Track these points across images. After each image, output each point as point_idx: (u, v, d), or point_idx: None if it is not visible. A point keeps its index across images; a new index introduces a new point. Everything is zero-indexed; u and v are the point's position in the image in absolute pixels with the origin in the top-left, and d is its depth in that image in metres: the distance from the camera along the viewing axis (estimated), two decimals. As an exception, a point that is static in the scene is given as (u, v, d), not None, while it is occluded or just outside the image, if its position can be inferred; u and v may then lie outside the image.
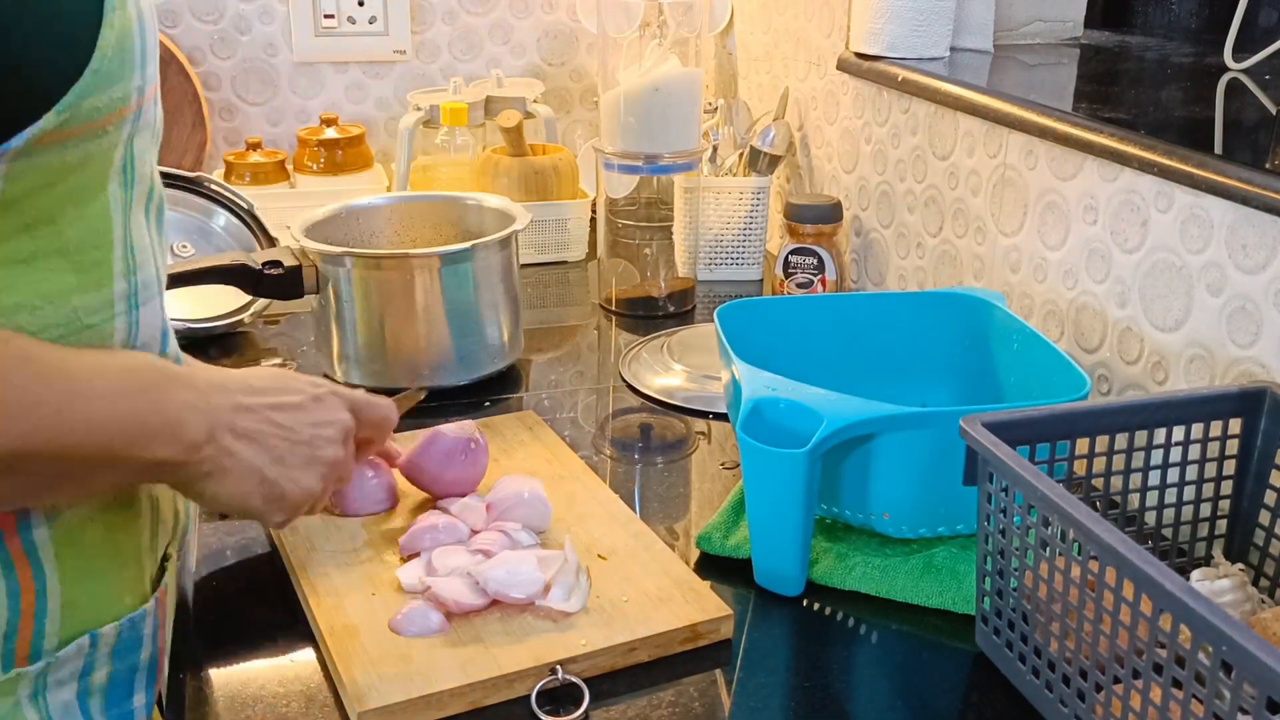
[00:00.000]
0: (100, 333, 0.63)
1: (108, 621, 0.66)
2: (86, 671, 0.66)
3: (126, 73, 0.59)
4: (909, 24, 1.32)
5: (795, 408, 0.85)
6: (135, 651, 0.69)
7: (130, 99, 0.60)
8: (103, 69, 0.57)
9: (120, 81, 0.59)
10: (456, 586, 0.81)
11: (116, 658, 0.68)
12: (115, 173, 0.62)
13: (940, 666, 0.80)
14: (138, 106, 0.62)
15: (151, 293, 0.68)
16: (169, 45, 1.71)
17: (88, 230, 0.62)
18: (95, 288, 0.63)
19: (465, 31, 1.87)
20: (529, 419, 1.10)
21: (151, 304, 0.68)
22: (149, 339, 0.68)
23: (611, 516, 0.92)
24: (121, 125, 0.61)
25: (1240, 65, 1.23)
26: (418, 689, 0.73)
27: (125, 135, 0.62)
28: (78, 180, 0.60)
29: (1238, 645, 0.54)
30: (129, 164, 0.63)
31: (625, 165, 1.38)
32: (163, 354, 0.70)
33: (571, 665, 0.75)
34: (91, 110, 0.58)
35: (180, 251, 1.35)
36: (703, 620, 0.79)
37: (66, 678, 0.65)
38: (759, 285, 1.56)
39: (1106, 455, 0.80)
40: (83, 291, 0.62)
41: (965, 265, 1.24)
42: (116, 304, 0.64)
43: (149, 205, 0.68)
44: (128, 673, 0.69)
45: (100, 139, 0.60)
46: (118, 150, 0.62)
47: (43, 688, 0.65)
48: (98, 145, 0.60)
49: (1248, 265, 0.87)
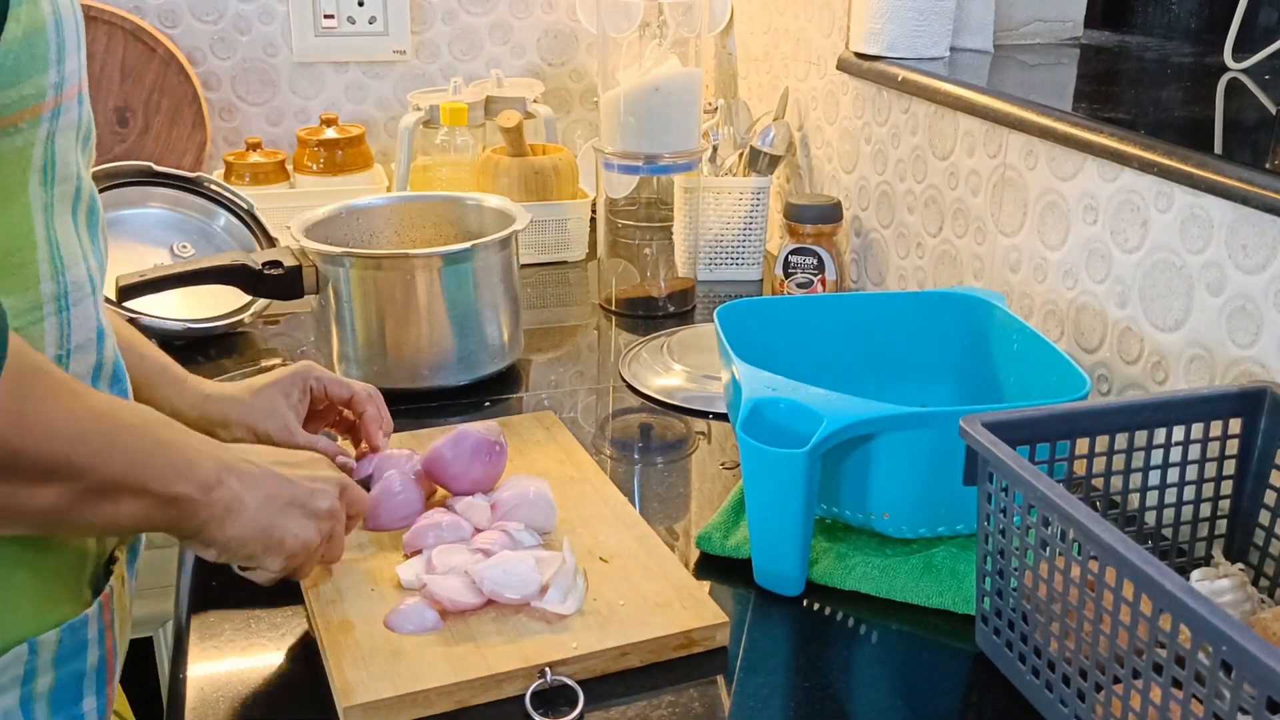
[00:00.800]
0: (28, 335, 0.63)
1: (46, 629, 0.66)
2: (28, 678, 0.66)
3: (38, 69, 0.58)
4: (909, 24, 1.32)
5: (795, 408, 0.85)
6: (79, 657, 0.68)
7: (45, 96, 0.60)
8: (8, 65, 0.56)
9: (30, 78, 0.58)
10: (453, 585, 0.81)
11: (59, 664, 0.67)
12: (34, 172, 0.62)
13: (940, 666, 0.80)
14: (55, 104, 0.61)
15: (83, 293, 0.67)
16: (169, 45, 1.71)
17: (8, 233, 0.61)
18: (20, 290, 0.62)
19: (465, 31, 1.87)
20: (546, 419, 1.10)
21: (84, 304, 0.67)
22: (83, 340, 0.67)
23: (617, 519, 0.92)
24: (36, 123, 0.60)
25: (1240, 65, 1.23)
26: (405, 686, 0.73)
27: (43, 134, 0.61)
28: None
29: (1238, 645, 0.54)
30: (49, 164, 0.63)
31: (625, 165, 1.38)
32: (99, 355, 0.70)
33: (561, 667, 0.75)
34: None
35: (180, 251, 1.35)
36: (697, 627, 0.79)
37: (7, 683, 0.65)
38: (759, 285, 1.56)
39: (1106, 455, 0.80)
40: (5, 293, 0.61)
41: (965, 265, 1.24)
42: (45, 305, 0.64)
43: (76, 205, 0.67)
44: (72, 678, 0.68)
45: (12, 137, 0.59)
46: (35, 149, 0.61)
47: None
48: (10, 143, 0.59)
49: (1248, 265, 0.87)
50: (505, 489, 0.91)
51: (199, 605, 0.85)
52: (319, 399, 0.96)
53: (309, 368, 0.95)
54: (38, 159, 0.62)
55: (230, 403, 0.90)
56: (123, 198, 1.34)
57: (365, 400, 0.97)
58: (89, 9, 1.66)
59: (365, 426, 0.97)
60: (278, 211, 1.42)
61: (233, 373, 1.25)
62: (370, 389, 0.98)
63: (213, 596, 0.86)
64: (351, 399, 0.97)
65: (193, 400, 0.89)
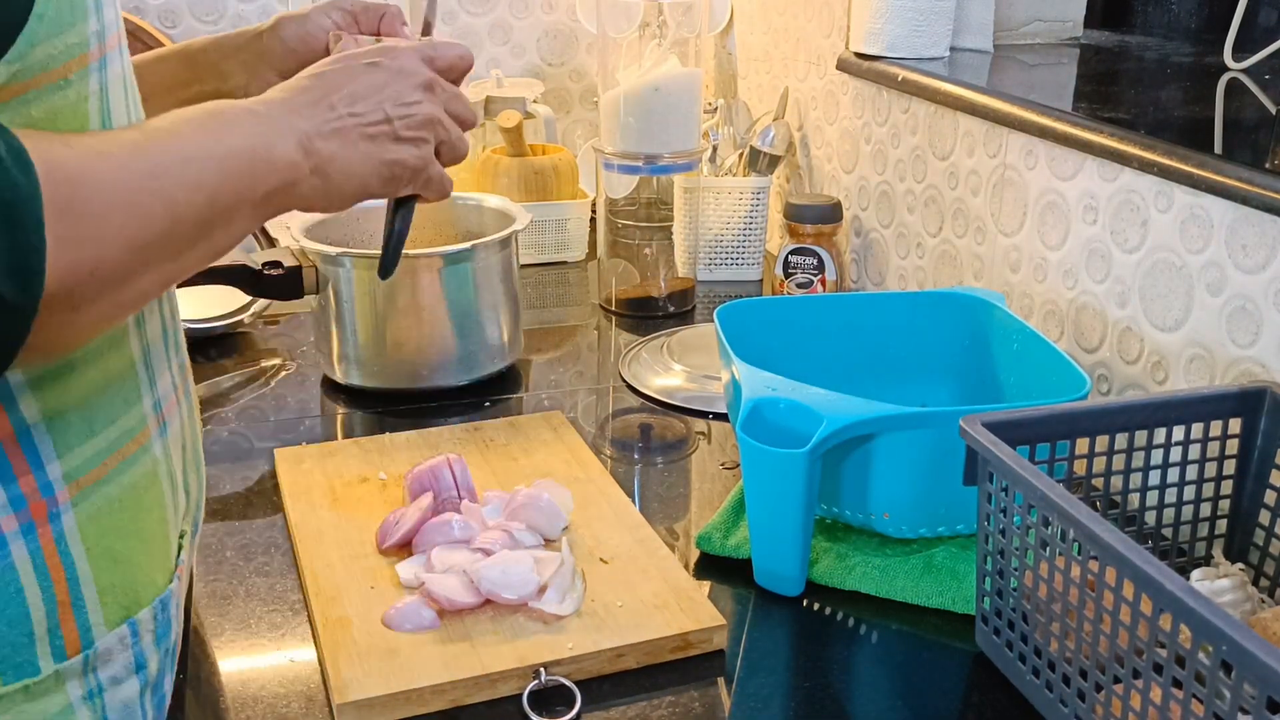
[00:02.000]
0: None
1: (145, 604, 0.65)
2: (141, 665, 0.65)
3: (78, 17, 0.58)
4: (909, 24, 1.32)
5: (795, 408, 0.85)
6: (168, 635, 0.68)
7: (89, 45, 0.59)
8: (49, 14, 0.56)
9: (73, 26, 0.57)
10: (451, 584, 0.81)
11: (159, 644, 0.67)
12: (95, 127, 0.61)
13: (940, 666, 0.80)
14: (100, 54, 0.60)
15: None
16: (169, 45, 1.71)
17: None
18: None
19: (465, 31, 1.87)
20: (554, 419, 1.10)
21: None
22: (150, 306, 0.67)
23: (620, 520, 0.92)
24: (85, 75, 0.59)
25: (1240, 65, 1.23)
26: (398, 684, 0.73)
27: (94, 87, 0.60)
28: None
29: (1238, 645, 0.54)
30: (106, 118, 0.62)
31: (625, 165, 1.38)
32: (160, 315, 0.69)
33: (556, 668, 0.75)
34: (46, 59, 0.56)
35: (180, 252, 1.34)
36: (694, 630, 0.79)
37: (122, 674, 0.64)
38: (759, 285, 1.56)
39: (1106, 455, 0.80)
40: None
41: (965, 265, 1.24)
42: None
43: None
44: (167, 658, 0.68)
45: (65, 90, 0.58)
46: (90, 102, 0.60)
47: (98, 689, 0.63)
48: (64, 98, 0.58)
49: (1248, 265, 0.87)
50: (523, 491, 0.91)
51: (199, 605, 0.85)
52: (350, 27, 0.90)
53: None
54: (94, 113, 0.60)
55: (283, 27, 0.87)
56: (123, 198, 1.34)
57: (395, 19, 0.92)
58: (89, 9, 1.66)
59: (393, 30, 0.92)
60: (278, 211, 1.41)
61: (232, 373, 1.25)
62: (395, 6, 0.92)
63: (213, 596, 0.86)
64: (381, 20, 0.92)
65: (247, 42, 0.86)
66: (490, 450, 1.04)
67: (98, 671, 0.63)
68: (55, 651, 0.61)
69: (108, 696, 0.64)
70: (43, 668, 0.61)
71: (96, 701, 0.64)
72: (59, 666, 0.61)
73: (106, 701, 0.64)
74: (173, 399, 0.70)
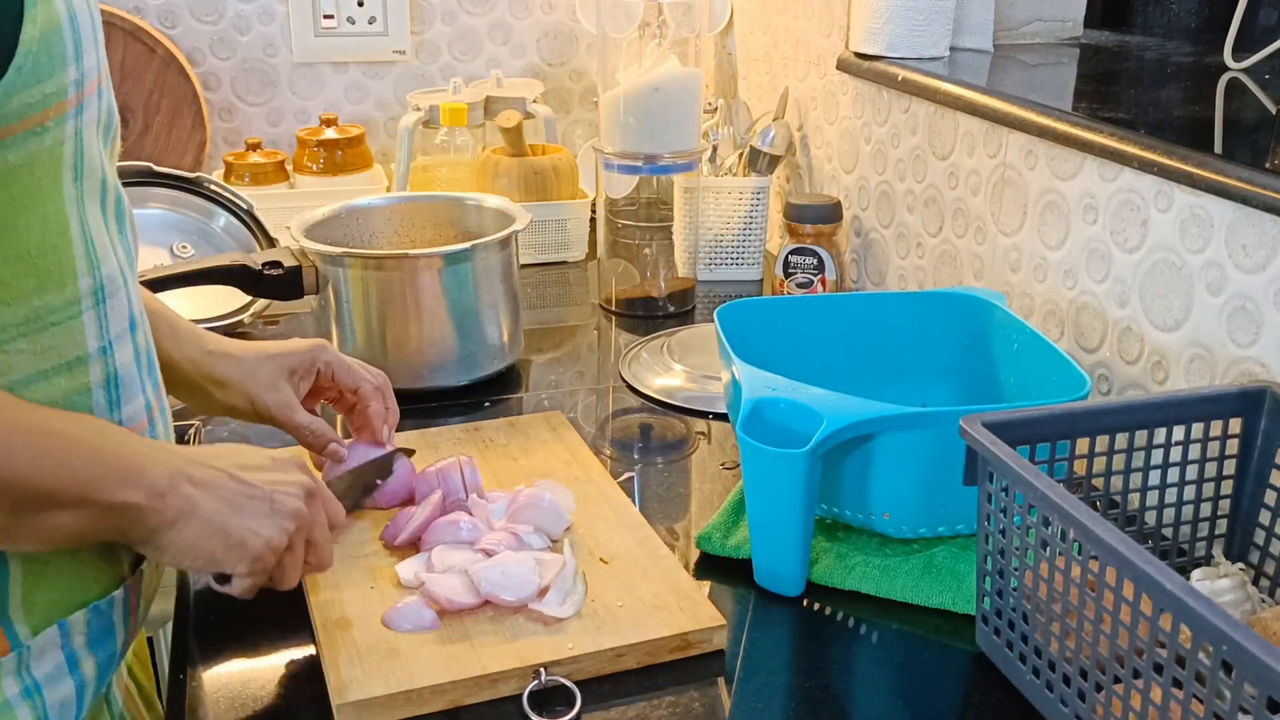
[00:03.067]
0: (67, 329, 0.64)
1: (75, 608, 0.67)
2: (73, 665, 0.67)
3: (57, 67, 0.59)
4: (909, 24, 1.32)
5: (795, 408, 0.85)
6: (109, 640, 0.70)
7: (67, 93, 0.60)
8: (28, 66, 0.57)
9: (52, 76, 0.59)
10: (451, 584, 0.81)
11: (94, 647, 0.68)
12: (67, 169, 0.62)
13: (940, 666, 0.80)
14: (78, 100, 0.62)
15: (116, 285, 0.68)
16: (169, 46, 1.71)
17: (46, 232, 0.62)
18: (57, 287, 0.63)
19: (465, 32, 1.87)
20: (554, 419, 1.10)
21: (118, 296, 0.68)
22: (119, 331, 0.68)
23: (620, 521, 0.92)
24: (62, 121, 0.61)
25: (1240, 65, 1.23)
26: (397, 684, 0.73)
27: (70, 130, 0.62)
28: (25, 182, 0.60)
29: (1238, 645, 0.54)
30: (78, 160, 0.63)
31: (625, 165, 1.38)
32: (134, 344, 0.70)
33: (556, 668, 0.75)
34: (23, 107, 0.58)
35: (180, 252, 1.35)
36: (694, 630, 0.79)
37: (56, 673, 0.66)
38: (759, 285, 1.56)
39: (1106, 455, 0.80)
40: (43, 292, 0.62)
41: (965, 265, 1.24)
42: (83, 300, 0.65)
43: (104, 200, 0.67)
44: (108, 660, 0.70)
45: (41, 136, 0.60)
46: (65, 146, 0.62)
47: (35, 686, 0.65)
48: (39, 143, 0.60)
49: (1248, 265, 0.87)
50: (527, 491, 0.91)
51: (199, 606, 0.85)
52: (324, 381, 0.94)
53: (321, 348, 0.93)
54: (68, 156, 0.62)
55: (231, 362, 0.88)
56: (122, 198, 1.34)
57: (371, 394, 0.95)
58: (89, 9, 1.66)
59: (368, 420, 0.95)
60: (277, 212, 1.42)
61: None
62: (379, 382, 0.96)
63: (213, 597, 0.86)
64: (357, 390, 0.94)
65: (191, 354, 0.86)
66: (490, 450, 1.04)
67: (31, 670, 0.65)
68: None
69: (46, 694, 0.66)
70: None
71: (35, 699, 0.66)
72: None
73: (46, 699, 0.66)
74: (142, 420, 0.71)
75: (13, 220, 0.60)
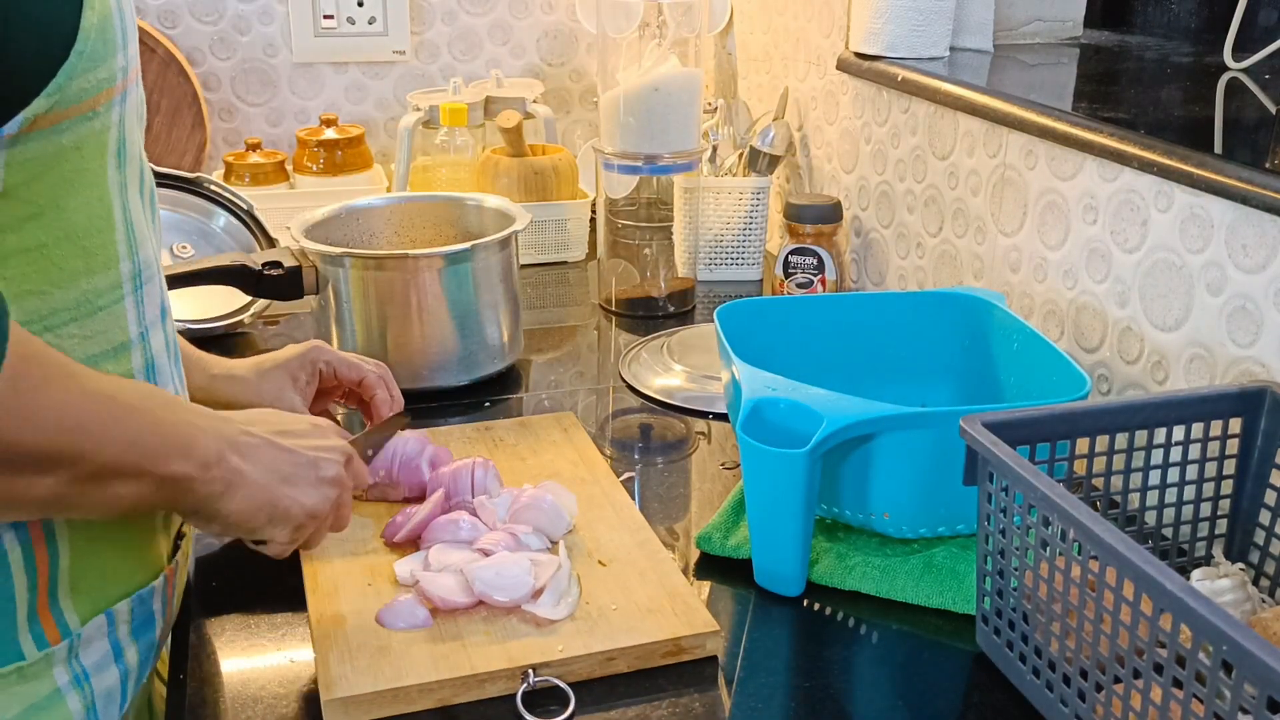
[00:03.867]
0: (112, 313, 0.65)
1: (120, 597, 0.68)
2: (118, 654, 0.69)
3: (109, 53, 0.61)
4: (909, 24, 1.32)
5: (795, 408, 0.85)
6: (150, 629, 0.71)
7: (116, 79, 0.62)
8: (87, 50, 0.59)
9: (105, 62, 0.60)
10: (445, 583, 0.81)
11: (136, 635, 0.70)
12: (111, 155, 0.64)
13: (940, 666, 0.80)
14: (123, 88, 0.63)
15: (151, 271, 0.70)
16: (169, 46, 1.71)
17: (91, 214, 0.63)
18: (103, 269, 0.65)
19: (465, 32, 1.87)
20: (566, 420, 1.10)
21: (153, 282, 0.70)
22: (153, 318, 0.70)
23: (622, 523, 0.92)
24: (110, 107, 0.62)
25: (1240, 65, 1.23)
26: (385, 681, 0.73)
27: (116, 117, 0.63)
28: (75, 164, 0.61)
29: (1238, 645, 0.54)
30: (121, 146, 0.65)
31: (625, 165, 1.38)
32: (165, 333, 0.72)
33: (546, 670, 0.75)
34: (80, 92, 0.59)
35: (180, 252, 1.35)
36: (686, 635, 0.78)
37: (103, 661, 0.68)
38: (759, 285, 1.56)
39: (1106, 455, 0.80)
40: (90, 274, 0.64)
41: (965, 265, 1.24)
42: (124, 284, 0.66)
43: (142, 186, 0.69)
44: (150, 652, 0.72)
45: (92, 121, 0.61)
46: (110, 132, 0.63)
47: (84, 675, 0.67)
48: (90, 128, 0.61)
49: (1248, 265, 0.87)
50: (529, 491, 0.91)
51: (199, 605, 0.85)
52: (328, 380, 0.96)
53: (318, 349, 0.95)
54: (112, 141, 0.64)
55: (237, 383, 0.90)
56: (122, 198, 1.34)
57: (375, 383, 0.97)
58: (89, 9, 1.66)
59: (376, 409, 0.97)
60: (277, 212, 1.42)
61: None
62: (381, 370, 0.98)
63: (213, 597, 0.86)
64: (362, 382, 0.97)
65: (199, 381, 0.89)
66: (499, 450, 1.04)
67: (80, 659, 0.67)
68: (37, 639, 0.64)
69: (94, 683, 0.68)
70: (27, 654, 0.64)
71: (85, 688, 0.67)
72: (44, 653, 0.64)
73: (94, 688, 0.68)
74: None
75: (63, 200, 0.61)
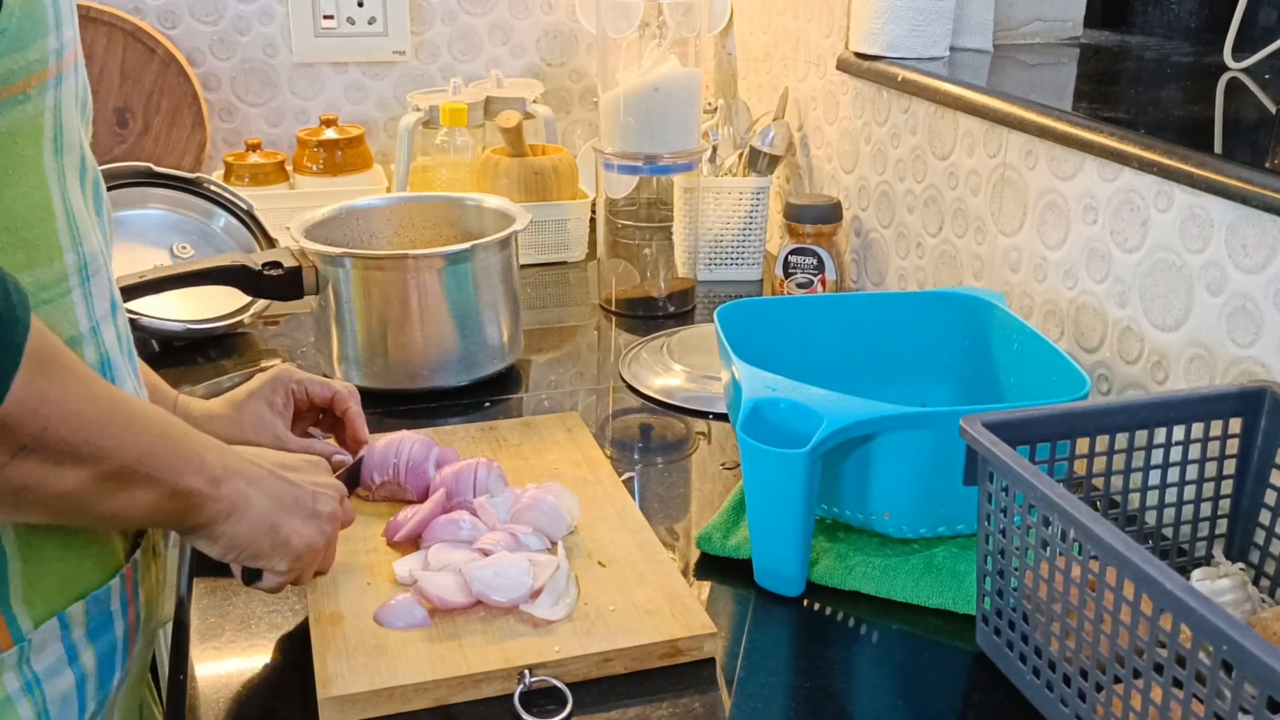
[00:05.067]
0: (59, 306, 0.64)
1: (74, 599, 0.67)
2: (73, 657, 0.67)
3: (39, 34, 0.60)
4: (909, 24, 1.32)
5: (795, 408, 0.85)
6: (108, 630, 0.70)
7: (48, 62, 0.61)
8: (11, 30, 0.58)
9: (34, 43, 0.59)
10: (444, 583, 0.81)
11: (94, 638, 0.69)
12: (47, 141, 0.63)
13: (940, 666, 0.80)
14: (57, 71, 0.62)
15: (98, 264, 0.68)
16: (169, 46, 1.71)
17: (30, 204, 0.62)
18: (46, 262, 0.63)
19: (465, 32, 1.87)
20: (570, 420, 1.10)
21: (100, 275, 0.68)
22: (103, 312, 0.69)
23: (623, 524, 0.92)
24: (43, 90, 0.61)
25: (1240, 65, 1.23)
26: (381, 681, 0.73)
27: (50, 101, 0.62)
28: (10, 151, 0.60)
29: (1238, 645, 0.54)
30: (58, 132, 0.64)
31: (625, 165, 1.38)
32: (116, 327, 0.71)
33: (542, 670, 0.75)
34: (6, 73, 0.58)
35: (180, 252, 1.35)
36: (684, 637, 0.78)
37: (57, 665, 0.66)
38: (759, 285, 1.56)
39: (1106, 455, 0.80)
40: (33, 267, 0.63)
41: (965, 265, 1.24)
42: (70, 277, 0.65)
43: (83, 177, 0.68)
44: (109, 652, 0.70)
45: (23, 104, 0.60)
46: (45, 116, 0.62)
47: (35, 680, 0.65)
48: (22, 111, 0.60)
49: (1248, 265, 0.87)
50: (531, 492, 0.91)
51: (199, 605, 0.85)
52: (301, 401, 0.96)
53: (287, 372, 0.95)
54: (48, 127, 0.63)
55: (218, 421, 0.90)
56: (122, 198, 1.34)
57: (348, 396, 0.97)
58: (88, 10, 1.66)
59: (352, 422, 0.97)
60: (277, 212, 1.42)
61: (232, 373, 1.25)
62: (349, 386, 0.98)
63: (213, 597, 0.86)
64: (333, 399, 0.97)
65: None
66: (503, 450, 1.04)
67: (31, 664, 0.65)
68: None
69: (46, 688, 0.67)
70: None
71: (36, 694, 0.66)
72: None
73: (46, 693, 0.66)
74: None
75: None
